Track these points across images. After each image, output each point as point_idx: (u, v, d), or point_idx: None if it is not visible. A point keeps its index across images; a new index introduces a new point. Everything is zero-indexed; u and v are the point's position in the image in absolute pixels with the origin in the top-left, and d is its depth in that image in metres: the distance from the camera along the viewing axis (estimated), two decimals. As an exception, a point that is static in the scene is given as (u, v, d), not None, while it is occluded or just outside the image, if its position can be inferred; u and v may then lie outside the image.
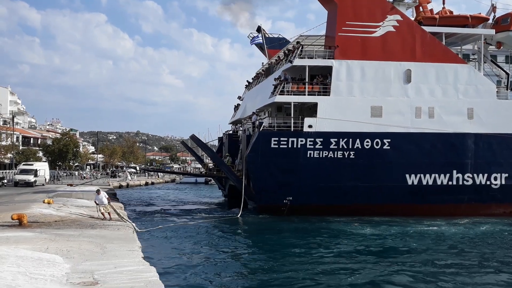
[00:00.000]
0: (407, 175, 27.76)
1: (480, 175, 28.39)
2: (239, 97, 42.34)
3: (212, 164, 36.45)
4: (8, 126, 61.73)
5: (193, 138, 31.72)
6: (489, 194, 28.52)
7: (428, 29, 29.01)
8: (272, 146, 26.79)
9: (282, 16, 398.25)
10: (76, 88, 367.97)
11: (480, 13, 31.72)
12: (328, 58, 28.07)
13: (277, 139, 26.86)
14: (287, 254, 17.14)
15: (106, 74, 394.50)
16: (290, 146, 26.86)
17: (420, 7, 31.67)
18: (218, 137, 42.66)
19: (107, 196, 19.24)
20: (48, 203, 21.21)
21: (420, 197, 27.75)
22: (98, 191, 19.06)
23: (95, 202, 19.09)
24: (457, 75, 28.71)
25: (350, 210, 26.90)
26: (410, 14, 31.67)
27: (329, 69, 27.94)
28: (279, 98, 27.55)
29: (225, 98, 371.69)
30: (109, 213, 18.70)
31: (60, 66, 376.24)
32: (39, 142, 76.92)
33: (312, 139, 26.98)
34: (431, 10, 31.91)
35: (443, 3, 32.24)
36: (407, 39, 28.40)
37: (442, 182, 28.03)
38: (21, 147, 65.64)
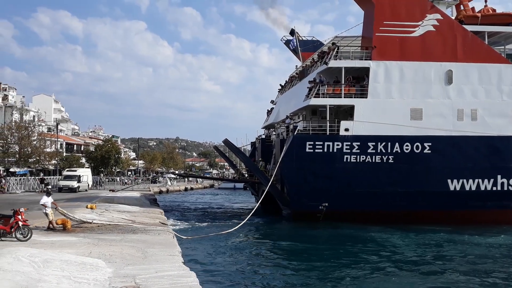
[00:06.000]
0: (449, 180, 26.76)
1: (527, 180, 26.99)
2: (272, 101, 42.26)
3: (245, 170, 36.47)
4: (53, 133, 64.32)
5: (226, 142, 31.86)
6: (536, 200, 27.08)
7: (469, 28, 27.98)
8: (307, 150, 26.47)
9: (321, 19, 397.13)
10: (117, 96, 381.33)
11: (524, 10, 30.30)
12: (365, 59, 27.53)
13: (312, 143, 26.53)
14: (327, 262, 16.89)
15: (146, 81, 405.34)
16: (325, 150, 26.46)
17: (461, 6, 30.63)
18: (251, 142, 42.68)
19: (52, 201, 16.58)
20: (91, 208, 21.80)
21: (463, 203, 26.64)
22: (47, 193, 16.94)
23: (42, 204, 16.28)
24: (501, 76, 27.55)
25: (389, 216, 26.13)
26: (450, 13, 30.68)
27: (366, 71, 27.41)
28: (314, 101, 27.20)
29: (263, 103, 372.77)
30: (50, 221, 16.01)
31: (101, 73, 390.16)
32: (82, 148, 79.71)
33: (349, 143, 26.48)
34: (473, 9, 30.77)
35: (485, 1, 31.02)
36: (448, 38, 27.48)
37: (486, 187, 26.87)
38: (64, 154, 68.18)
